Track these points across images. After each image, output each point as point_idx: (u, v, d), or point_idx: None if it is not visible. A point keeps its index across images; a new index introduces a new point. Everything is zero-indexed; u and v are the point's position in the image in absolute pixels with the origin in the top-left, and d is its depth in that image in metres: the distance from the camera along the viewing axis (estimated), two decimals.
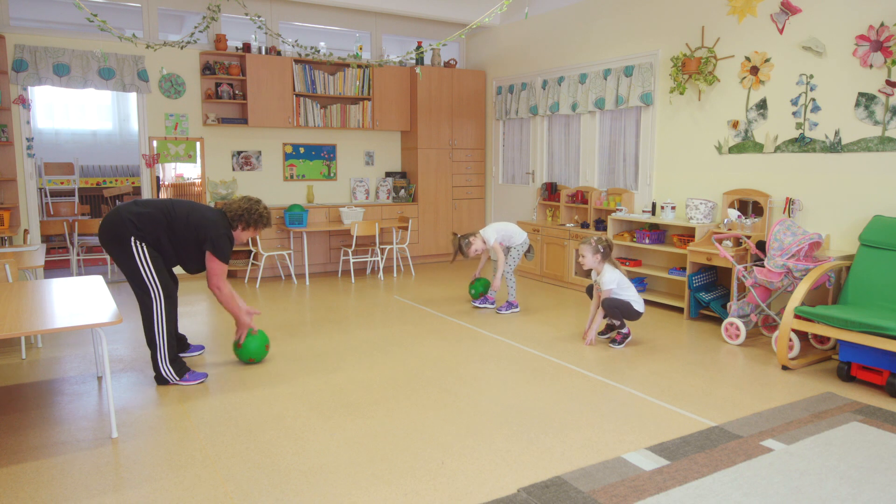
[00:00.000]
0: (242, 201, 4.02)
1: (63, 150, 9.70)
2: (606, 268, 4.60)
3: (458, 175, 8.50)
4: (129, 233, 3.64)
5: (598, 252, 4.59)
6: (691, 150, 5.89)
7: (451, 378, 3.93)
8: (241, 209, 3.98)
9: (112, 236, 3.67)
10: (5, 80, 6.21)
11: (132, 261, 3.65)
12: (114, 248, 3.68)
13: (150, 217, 3.71)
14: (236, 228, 4.01)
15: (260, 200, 4.09)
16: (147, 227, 3.68)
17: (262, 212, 4.06)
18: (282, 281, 7.17)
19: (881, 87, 4.47)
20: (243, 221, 4.00)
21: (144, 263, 3.67)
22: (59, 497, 2.54)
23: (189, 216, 3.82)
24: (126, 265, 3.68)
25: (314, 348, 4.57)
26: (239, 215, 3.98)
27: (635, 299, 4.59)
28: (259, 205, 4.05)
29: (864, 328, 3.64)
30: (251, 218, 4.00)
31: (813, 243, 4.40)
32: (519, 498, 2.52)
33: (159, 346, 3.74)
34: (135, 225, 3.65)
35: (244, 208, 3.99)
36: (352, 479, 2.69)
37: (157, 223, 3.72)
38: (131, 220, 3.65)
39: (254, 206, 4.02)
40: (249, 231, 4.07)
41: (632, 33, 6.37)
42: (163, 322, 3.75)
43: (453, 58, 8.77)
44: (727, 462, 2.81)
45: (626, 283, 4.62)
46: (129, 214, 3.67)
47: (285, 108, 7.40)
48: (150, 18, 6.86)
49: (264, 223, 4.08)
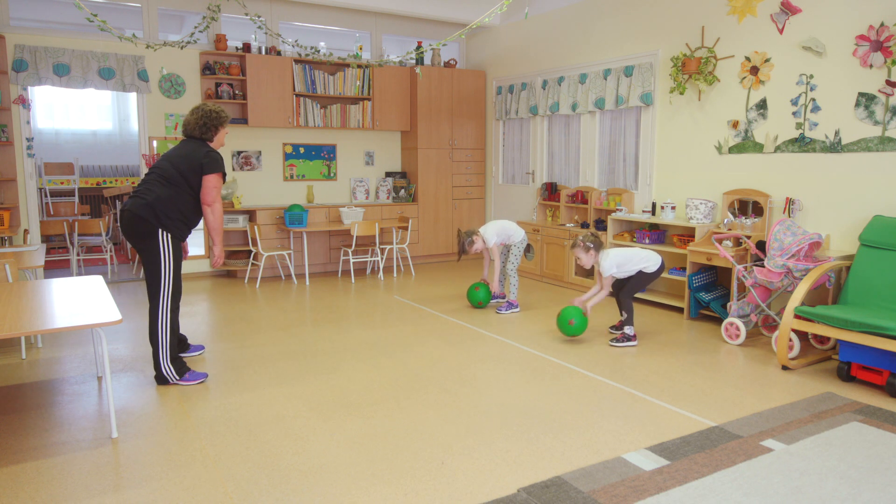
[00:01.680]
0: (195, 116, 3.92)
1: (63, 150, 9.70)
2: (601, 256, 4.71)
3: (458, 175, 8.50)
4: (157, 223, 3.69)
5: (589, 249, 4.72)
6: (691, 150, 5.89)
7: (451, 378, 3.93)
8: (200, 121, 3.90)
9: (139, 224, 3.70)
10: (5, 80, 6.22)
11: (156, 251, 3.71)
12: (139, 236, 3.72)
13: (158, 187, 3.73)
14: (211, 140, 3.96)
15: (205, 103, 3.98)
16: (163, 204, 3.71)
17: (214, 108, 3.95)
18: (282, 281, 7.17)
19: (881, 87, 4.47)
20: (210, 129, 3.92)
21: (166, 255, 3.74)
22: (59, 497, 2.54)
23: (170, 160, 3.83)
24: (148, 253, 3.73)
25: (314, 348, 4.57)
26: (203, 127, 3.90)
27: (643, 265, 4.65)
28: (206, 107, 3.95)
29: (864, 328, 3.64)
30: (211, 121, 3.92)
31: (813, 243, 4.40)
32: (519, 498, 2.52)
33: (161, 343, 3.76)
34: (159, 210, 3.69)
35: (202, 118, 3.90)
36: (352, 479, 2.69)
37: (167, 180, 3.75)
38: (152, 204, 3.68)
39: (206, 111, 3.92)
40: (221, 132, 3.99)
41: (632, 33, 6.38)
42: (167, 319, 3.77)
43: (453, 58, 8.77)
44: (727, 462, 2.81)
45: (624, 257, 4.68)
46: (151, 196, 3.71)
47: (285, 108, 7.40)
48: (150, 18, 6.86)
49: (224, 116, 3.99)
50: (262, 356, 4.38)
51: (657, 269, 4.69)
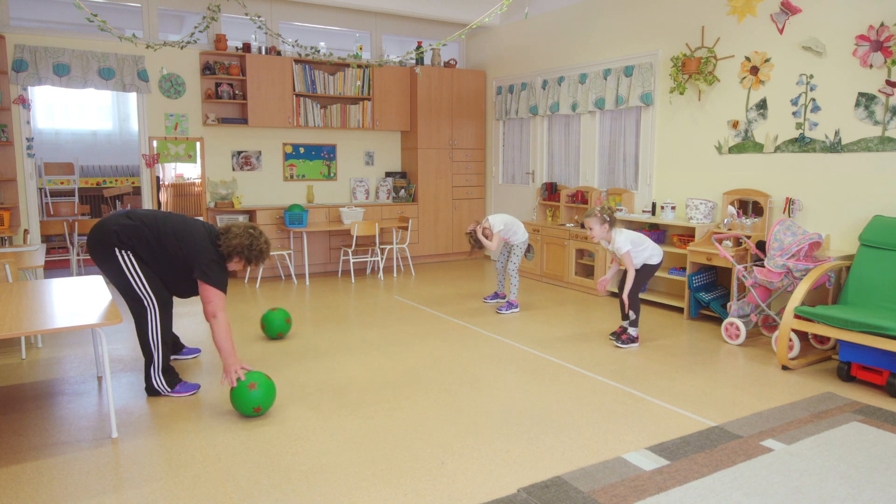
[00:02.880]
0: (244, 235, 3.58)
1: (63, 150, 9.70)
2: (615, 232, 4.60)
3: (458, 175, 8.50)
4: (114, 243, 3.43)
5: (604, 222, 4.57)
6: (691, 150, 5.89)
7: (451, 378, 3.93)
8: (240, 245, 3.56)
9: (98, 247, 3.49)
10: (5, 80, 6.21)
11: (121, 272, 3.46)
12: (101, 260, 3.49)
13: (137, 230, 3.47)
14: (230, 260, 3.61)
15: (262, 233, 3.67)
16: (133, 241, 3.46)
17: (263, 247, 3.64)
18: (282, 281, 7.17)
19: (881, 87, 4.47)
20: (241, 256, 3.61)
21: (133, 273, 3.47)
22: (59, 497, 2.54)
23: (177, 233, 3.53)
24: (115, 277, 3.49)
25: (314, 348, 4.57)
26: (238, 251, 3.57)
27: (650, 253, 4.61)
28: (260, 239, 3.63)
29: (864, 328, 3.64)
30: (251, 255, 3.61)
31: (813, 243, 4.40)
32: (519, 498, 2.52)
33: (155, 357, 3.60)
34: (118, 237, 3.44)
35: (245, 245, 3.57)
36: (352, 479, 2.69)
37: (144, 238, 3.48)
38: (116, 231, 3.44)
39: (255, 243, 3.60)
40: (243, 263, 3.66)
41: (632, 33, 6.37)
42: (157, 332, 3.59)
43: (453, 58, 8.77)
44: (727, 462, 2.81)
45: (638, 239, 4.62)
46: (116, 226, 3.47)
47: (285, 108, 7.40)
48: (150, 18, 6.86)
49: (263, 259, 3.68)
50: (261, 356, 4.38)
51: (660, 262, 4.67)
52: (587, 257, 6.68)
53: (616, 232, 4.60)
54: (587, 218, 4.63)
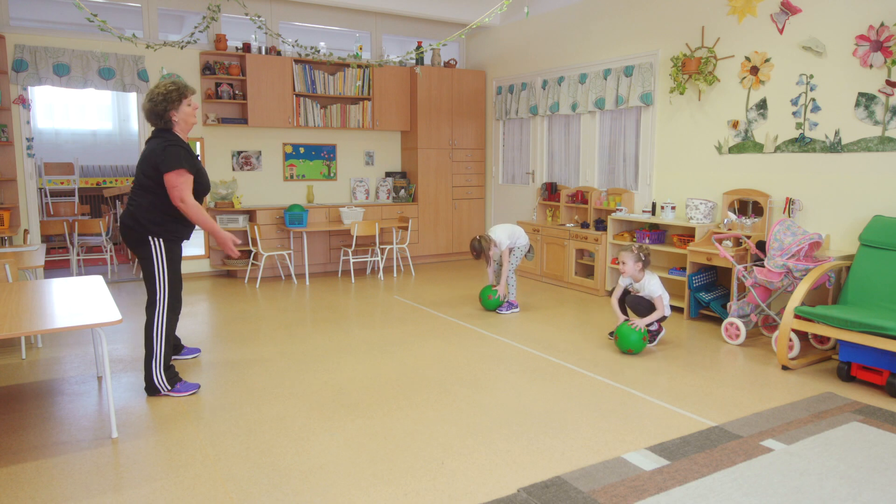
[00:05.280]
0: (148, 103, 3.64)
1: (63, 150, 9.71)
2: (649, 275, 4.59)
3: (458, 175, 8.50)
4: (144, 233, 3.59)
5: (640, 260, 4.54)
6: (691, 150, 5.89)
7: (451, 378, 3.93)
8: (154, 108, 3.61)
9: (129, 239, 3.66)
10: (5, 80, 6.22)
11: (150, 258, 3.62)
12: (134, 248, 3.67)
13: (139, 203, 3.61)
14: (173, 116, 3.65)
15: (157, 84, 3.69)
16: (145, 215, 3.59)
17: (165, 85, 3.63)
18: (282, 281, 7.17)
19: (881, 87, 4.47)
20: (166, 112, 3.62)
21: (160, 263, 3.62)
22: (59, 497, 2.54)
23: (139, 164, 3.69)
24: (144, 262, 3.64)
25: (314, 348, 4.57)
26: (157, 115, 3.62)
27: (667, 303, 4.59)
28: (156, 88, 3.63)
29: (864, 328, 3.64)
30: (162, 104, 3.61)
31: (813, 243, 4.40)
32: (519, 498, 2.52)
33: (156, 352, 3.63)
34: (139, 222, 3.59)
35: (169, 89, 3.60)
36: (352, 479, 2.69)
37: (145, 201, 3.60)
38: (134, 217, 3.60)
39: (155, 93, 3.61)
40: (184, 105, 3.67)
41: (632, 33, 6.37)
42: (163, 328, 3.65)
43: (453, 58, 8.77)
44: (727, 462, 2.81)
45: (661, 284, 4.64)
46: (129, 212, 3.64)
47: (285, 108, 7.40)
48: (150, 18, 6.86)
49: (174, 89, 3.63)
50: (261, 356, 4.38)
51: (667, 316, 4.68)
52: (587, 257, 6.68)
53: (650, 274, 4.59)
54: (623, 252, 4.58)
